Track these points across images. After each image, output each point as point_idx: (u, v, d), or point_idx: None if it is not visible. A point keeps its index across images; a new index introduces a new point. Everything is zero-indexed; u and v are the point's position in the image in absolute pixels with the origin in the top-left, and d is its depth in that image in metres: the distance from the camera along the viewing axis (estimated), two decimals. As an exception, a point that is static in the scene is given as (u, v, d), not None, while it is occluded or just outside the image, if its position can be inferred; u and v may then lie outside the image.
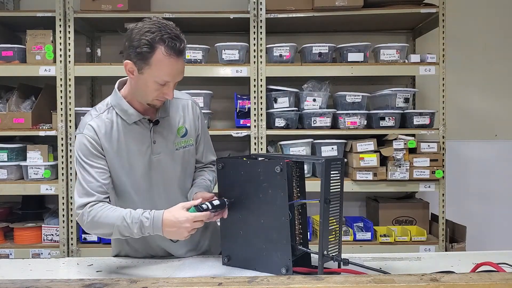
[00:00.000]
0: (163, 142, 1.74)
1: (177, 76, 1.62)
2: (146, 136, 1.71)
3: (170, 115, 1.76)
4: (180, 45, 1.56)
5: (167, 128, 1.75)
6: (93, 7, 3.17)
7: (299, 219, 1.58)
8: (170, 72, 1.58)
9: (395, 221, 3.36)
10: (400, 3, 3.20)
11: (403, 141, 3.09)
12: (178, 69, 1.60)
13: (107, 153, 1.68)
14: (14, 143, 3.27)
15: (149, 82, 1.60)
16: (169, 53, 1.55)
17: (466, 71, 3.75)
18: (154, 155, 1.72)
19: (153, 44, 1.54)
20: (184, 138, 1.78)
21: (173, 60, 1.56)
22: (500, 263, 1.55)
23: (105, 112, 1.71)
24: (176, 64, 1.58)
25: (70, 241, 3.15)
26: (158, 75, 1.57)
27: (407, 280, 1.14)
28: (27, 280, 1.19)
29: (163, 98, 1.66)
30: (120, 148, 1.69)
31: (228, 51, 3.16)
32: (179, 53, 1.57)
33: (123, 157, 1.69)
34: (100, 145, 1.67)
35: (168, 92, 1.63)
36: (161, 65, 1.56)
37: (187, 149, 1.79)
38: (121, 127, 1.69)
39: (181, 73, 1.63)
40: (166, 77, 1.58)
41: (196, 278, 1.24)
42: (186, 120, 1.79)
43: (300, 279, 1.20)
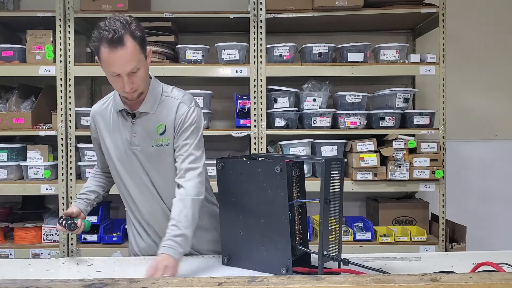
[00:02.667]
0: (142, 137, 1.79)
1: (122, 66, 1.63)
2: (128, 128, 1.80)
3: (156, 113, 1.78)
4: (113, 36, 1.58)
5: (149, 124, 1.78)
6: (93, 7, 3.17)
7: (299, 219, 1.58)
8: (110, 63, 1.63)
9: (395, 221, 3.36)
10: (400, 3, 3.20)
11: (403, 141, 3.09)
12: (120, 60, 1.61)
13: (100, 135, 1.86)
14: (14, 143, 3.27)
15: (108, 76, 1.70)
16: (105, 46, 1.60)
17: (466, 71, 3.75)
18: (133, 147, 1.79)
19: (95, 41, 1.62)
20: (162, 136, 1.79)
21: (110, 51, 1.60)
22: (500, 263, 1.55)
23: (106, 100, 1.90)
24: (116, 55, 1.60)
25: (70, 241, 3.15)
26: (105, 68, 1.67)
27: (407, 280, 1.14)
28: (27, 280, 1.19)
29: (123, 94, 1.71)
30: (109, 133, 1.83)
31: (228, 51, 3.16)
32: (114, 42, 1.59)
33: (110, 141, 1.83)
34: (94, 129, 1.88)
35: (124, 84, 1.66)
36: (104, 59, 1.64)
37: (162, 148, 1.78)
38: (112, 113, 1.84)
39: (128, 63, 1.63)
40: (111, 68, 1.64)
41: (196, 278, 1.24)
42: (168, 119, 1.79)
43: (300, 279, 1.20)
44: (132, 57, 1.62)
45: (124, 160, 1.81)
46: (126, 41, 1.60)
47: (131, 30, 1.62)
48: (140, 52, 1.66)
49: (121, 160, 1.82)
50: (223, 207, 1.68)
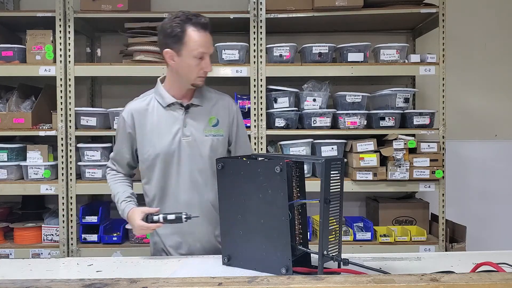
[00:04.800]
0: (194, 128, 1.92)
1: (210, 47, 1.85)
2: (179, 119, 1.91)
3: (204, 106, 1.96)
4: (204, 20, 1.82)
5: (199, 116, 1.94)
6: (93, 7, 3.17)
7: (299, 219, 1.58)
8: (203, 43, 1.82)
9: (395, 221, 3.36)
10: (400, 3, 3.20)
11: (403, 141, 3.09)
12: (208, 41, 1.84)
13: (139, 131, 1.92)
14: (14, 143, 3.27)
15: (189, 59, 1.83)
16: (197, 28, 1.81)
17: (466, 71, 3.75)
18: (184, 137, 1.90)
19: (182, 25, 1.81)
20: (215, 127, 1.95)
21: (201, 33, 1.82)
22: (500, 263, 1.55)
23: (144, 98, 1.98)
24: (205, 35, 1.83)
25: (70, 241, 3.15)
26: (194, 48, 1.81)
27: (407, 280, 1.14)
28: (27, 280, 1.19)
29: (204, 74, 1.88)
30: (153, 127, 1.91)
31: (228, 51, 3.16)
32: (205, 27, 1.83)
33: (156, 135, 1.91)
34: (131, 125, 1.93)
35: (206, 65, 1.85)
36: (194, 39, 1.81)
37: (216, 138, 1.94)
38: (156, 109, 1.93)
39: (212, 46, 1.87)
40: (201, 48, 1.81)
41: (196, 278, 1.24)
42: (219, 113, 1.97)
43: (300, 279, 1.20)
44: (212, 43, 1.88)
45: (172, 152, 1.90)
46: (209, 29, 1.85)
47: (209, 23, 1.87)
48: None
49: (168, 152, 1.90)
50: (223, 207, 1.68)
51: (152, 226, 1.81)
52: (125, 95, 3.65)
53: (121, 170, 2.06)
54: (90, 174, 3.18)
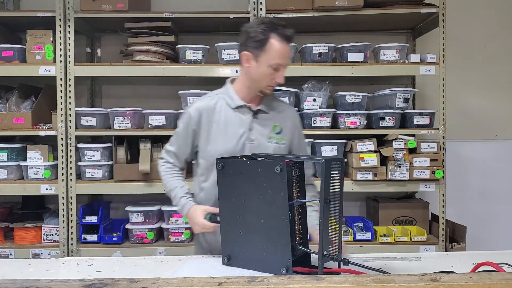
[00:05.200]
0: (259, 133, 1.94)
1: (287, 60, 1.86)
2: (245, 122, 1.93)
3: (271, 114, 1.98)
4: (289, 33, 1.82)
5: (265, 122, 1.96)
6: (93, 7, 3.17)
7: (299, 219, 1.58)
8: (282, 55, 1.82)
9: (395, 221, 3.36)
10: (400, 3, 3.20)
11: (403, 141, 3.09)
12: (287, 53, 1.85)
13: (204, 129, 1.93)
14: (14, 143, 3.27)
15: (264, 67, 1.83)
16: (281, 39, 1.81)
17: (466, 71, 3.75)
18: (248, 141, 1.92)
19: (267, 32, 1.81)
20: (278, 135, 1.98)
21: (284, 45, 1.82)
22: (500, 263, 1.55)
23: (213, 97, 1.98)
24: (286, 48, 1.83)
25: (70, 241, 3.15)
26: (272, 58, 1.81)
27: (407, 280, 1.14)
28: (27, 280, 1.19)
29: (274, 84, 1.89)
30: (219, 127, 1.92)
31: (228, 51, 3.16)
32: (288, 39, 1.83)
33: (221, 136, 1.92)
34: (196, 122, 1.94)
35: (279, 77, 1.86)
36: (274, 49, 1.81)
37: (278, 145, 1.96)
38: (224, 110, 1.94)
39: (289, 59, 1.90)
40: (279, 59, 1.82)
41: (196, 278, 1.24)
42: (284, 122, 2.00)
43: (300, 279, 1.20)
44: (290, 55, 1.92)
45: (235, 154, 1.90)
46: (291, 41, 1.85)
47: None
48: None
49: (231, 154, 1.90)
50: (223, 207, 1.68)
51: (215, 226, 1.81)
52: (125, 95, 3.68)
53: (178, 164, 2.05)
54: (90, 174, 3.18)
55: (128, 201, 3.40)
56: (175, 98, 3.32)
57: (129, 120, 3.15)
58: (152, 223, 3.22)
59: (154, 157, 3.23)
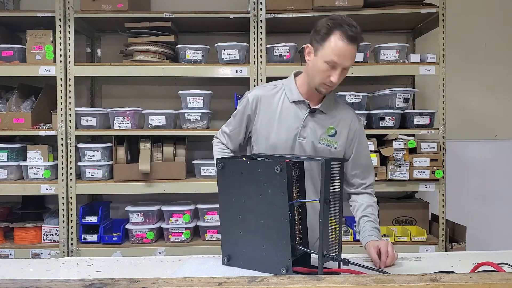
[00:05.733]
0: (312, 131, 1.91)
1: (345, 60, 1.77)
2: (300, 118, 1.90)
3: (328, 115, 1.93)
4: (353, 32, 1.75)
5: (320, 122, 1.92)
6: (93, 7, 3.17)
7: (299, 219, 1.58)
8: (338, 53, 1.75)
9: (395, 221, 3.36)
10: (400, 3, 3.20)
11: (403, 141, 3.09)
12: (346, 53, 1.76)
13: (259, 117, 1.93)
14: (14, 143, 3.27)
15: (319, 62, 1.80)
16: (342, 37, 1.75)
17: (466, 71, 3.75)
18: (300, 137, 1.90)
19: (331, 28, 1.76)
20: (331, 137, 1.93)
21: (344, 44, 1.75)
22: (500, 263, 1.55)
23: (274, 87, 1.98)
24: (346, 48, 1.75)
25: (70, 241, 3.15)
26: (328, 54, 1.76)
27: (407, 280, 1.14)
28: (27, 280, 1.18)
29: (329, 83, 1.81)
30: (274, 118, 1.91)
31: (228, 51, 3.16)
32: (351, 39, 1.75)
33: (274, 127, 1.91)
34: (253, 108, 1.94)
35: (334, 75, 1.78)
36: (332, 45, 1.76)
37: (328, 148, 1.93)
38: (282, 101, 1.92)
39: (350, 59, 1.78)
40: (334, 56, 1.75)
41: (196, 278, 1.24)
42: (340, 125, 1.94)
43: (300, 279, 1.20)
44: (353, 56, 1.80)
45: (284, 147, 1.90)
46: (356, 43, 1.78)
47: (361, 37, 1.80)
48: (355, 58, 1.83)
49: (281, 146, 1.90)
50: (223, 207, 1.68)
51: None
52: (125, 95, 3.68)
53: (231, 146, 2.04)
54: (90, 174, 3.18)
55: (128, 201, 3.40)
56: (175, 98, 3.32)
57: (129, 120, 3.15)
58: (152, 223, 3.22)
59: (154, 157, 3.23)
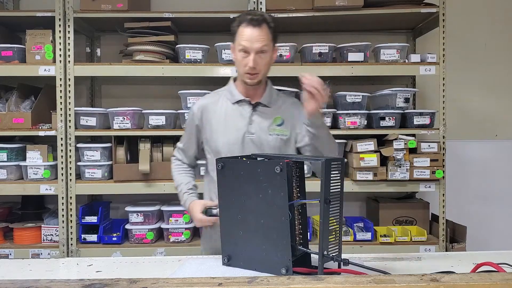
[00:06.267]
0: (259, 125, 1.96)
1: (253, 43, 1.86)
2: (245, 116, 1.97)
3: (272, 108, 2.00)
4: (252, 16, 1.87)
5: (265, 115, 1.99)
6: (93, 7, 3.17)
7: (299, 219, 1.58)
8: (246, 38, 1.87)
9: (395, 221, 3.36)
10: (400, 3, 3.20)
11: (403, 141, 3.09)
12: (253, 36, 1.86)
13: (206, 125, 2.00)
14: (13, 143, 3.27)
15: (237, 54, 1.91)
16: (246, 24, 1.88)
17: (466, 71, 3.75)
18: (248, 134, 1.95)
19: (238, 22, 1.91)
20: (280, 127, 1.98)
21: (248, 29, 1.87)
22: (501, 263, 1.55)
23: (216, 93, 2.08)
24: (251, 31, 1.87)
25: (69, 241, 3.15)
26: (238, 43, 1.89)
27: (407, 280, 1.14)
28: (27, 280, 1.18)
29: (249, 70, 1.89)
30: (220, 122, 1.98)
31: (228, 51, 3.15)
32: (255, 23, 1.86)
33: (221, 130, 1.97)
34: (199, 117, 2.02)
35: (250, 61, 1.87)
36: (240, 34, 1.89)
37: (280, 137, 1.98)
38: (225, 105, 2.00)
39: (258, 41, 1.87)
40: (243, 42, 1.87)
41: (196, 278, 1.23)
42: (285, 114, 2.00)
43: (300, 279, 1.20)
44: (264, 38, 1.88)
45: (235, 148, 1.94)
46: (263, 25, 1.88)
47: (268, 20, 1.90)
48: (271, 40, 1.92)
49: (231, 148, 1.94)
50: (223, 207, 1.68)
51: (212, 219, 1.87)
52: (125, 95, 3.68)
53: (186, 160, 2.13)
54: (90, 174, 3.18)
55: (128, 201, 3.40)
56: (175, 98, 3.31)
57: (128, 120, 3.15)
58: (152, 223, 3.22)
59: (154, 157, 3.23)
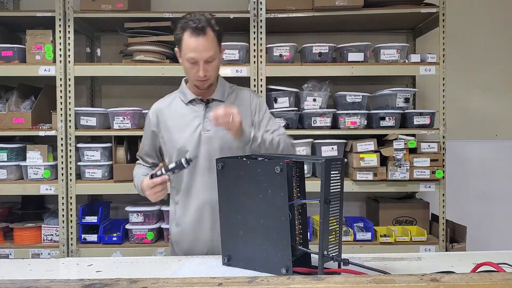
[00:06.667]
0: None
1: (201, 53, 1.83)
2: (199, 115, 1.97)
3: (226, 102, 1.99)
4: (197, 25, 1.81)
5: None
6: (93, 7, 3.17)
7: (299, 219, 1.58)
8: (192, 49, 1.83)
9: (395, 221, 3.36)
10: (400, 3, 3.20)
11: (403, 141, 3.09)
12: (199, 47, 1.82)
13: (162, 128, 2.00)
14: (14, 143, 3.27)
15: (184, 62, 1.89)
16: (190, 34, 1.83)
17: (466, 71, 3.75)
18: (204, 132, 1.95)
19: (181, 29, 1.85)
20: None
21: (194, 39, 1.82)
22: (500, 263, 1.55)
23: (169, 96, 2.08)
24: (197, 42, 1.82)
25: (69, 241, 3.15)
26: (185, 53, 1.86)
27: (407, 280, 1.14)
28: (27, 280, 1.18)
29: (200, 78, 1.87)
30: (175, 123, 1.98)
31: (228, 51, 3.15)
32: (199, 32, 1.82)
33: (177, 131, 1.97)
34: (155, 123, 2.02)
35: (200, 70, 1.85)
36: (186, 44, 1.84)
37: None
38: (179, 106, 2.00)
39: (206, 50, 1.84)
40: (190, 53, 1.84)
41: (196, 278, 1.23)
42: (241, 107, 1.95)
43: (300, 279, 1.20)
44: (211, 46, 1.85)
45: (194, 147, 1.94)
46: (208, 32, 1.83)
47: (212, 24, 1.86)
48: (217, 45, 1.88)
49: (188, 147, 1.94)
50: (223, 207, 1.68)
51: (156, 180, 1.82)
52: (125, 95, 3.68)
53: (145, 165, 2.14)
54: (90, 174, 3.18)
55: (128, 201, 3.39)
56: (175, 98, 3.31)
57: (129, 120, 3.15)
58: (152, 223, 3.22)
59: (154, 157, 3.23)
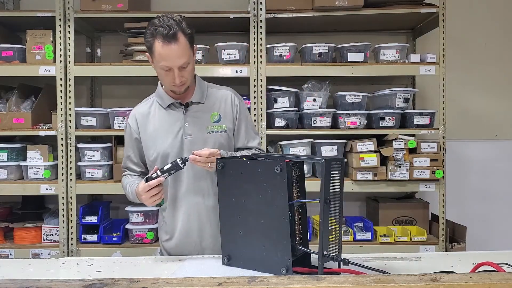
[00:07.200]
0: (195, 126, 1.92)
1: (174, 61, 1.77)
2: (179, 119, 1.92)
3: (206, 103, 1.95)
4: (168, 32, 1.73)
5: (201, 114, 1.94)
6: (93, 7, 3.17)
7: (299, 219, 1.58)
8: (165, 57, 1.76)
9: (395, 221, 3.36)
10: (400, 3, 3.20)
11: (403, 141, 3.09)
12: (172, 54, 1.76)
13: (143, 134, 1.94)
14: (14, 143, 3.27)
15: (158, 69, 1.83)
16: (161, 42, 1.75)
17: (466, 71, 3.75)
18: (186, 136, 1.91)
19: (151, 36, 1.77)
20: (217, 123, 1.94)
21: (166, 47, 1.75)
22: (500, 263, 1.55)
23: (146, 100, 2.02)
24: (169, 49, 1.75)
25: (70, 241, 3.15)
26: (158, 61, 1.79)
27: (407, 280, 1.14)
28: (27, 280, 1.19)
29: (176, 84, 1.82)
30: (155, 129, 1.93)
31: (228, 51, 3.15)
32: (170, 39, 1.74)
33: (158, 137, 1.92)
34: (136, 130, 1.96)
35: (175, 77, 1.80)
36: (158, 52, 1.77)
37: (219, 133, 1.94)
38: (157, 111, 1.95)
39: (179, 57, 1.77)
40: (163, 62, 1.77)
41: (196, 278, 1.24)
42: (221, 109, 1.96)
43: (300, 279, 1.20)
44: (184, 52, 1.78)
45: (176, 152, 1.90)
46: (179, 37, 1.75)
47: (183, 27, 1.77)
48: (190, 48, 1.81)
49: (171, 152, 1.90)
50: (223, 207, 1.68)
51: (152, 182, 1.76)
52: (125, 95, 3.68)
53: (133, 174, 2.06)
54: (90, 174, 3.18)
55: (128, 201, 3.36)
56: (175, 98, 3.31)
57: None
58: (152, 223, 3.22)
59: (154, 157, 3.23)
